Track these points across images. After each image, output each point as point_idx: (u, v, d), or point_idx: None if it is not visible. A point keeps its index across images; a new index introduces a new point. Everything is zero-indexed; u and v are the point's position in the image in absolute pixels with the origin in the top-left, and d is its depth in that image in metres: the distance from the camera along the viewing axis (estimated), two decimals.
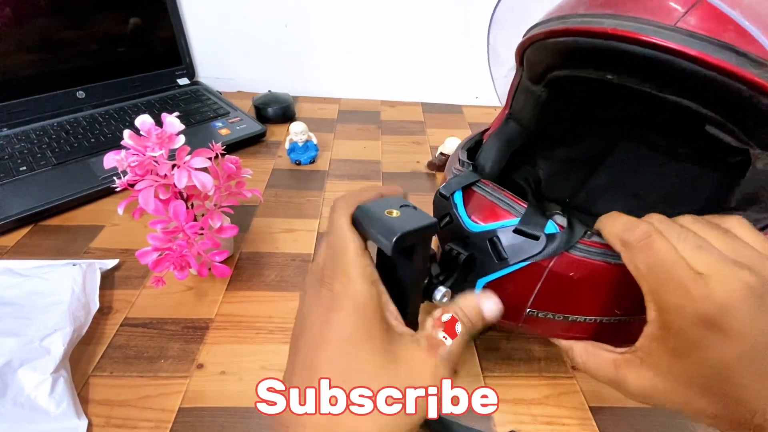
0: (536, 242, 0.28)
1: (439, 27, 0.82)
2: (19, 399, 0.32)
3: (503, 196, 0.31)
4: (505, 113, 0.42)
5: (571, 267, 0.28)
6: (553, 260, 0.28)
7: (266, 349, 0.39)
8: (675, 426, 0.36)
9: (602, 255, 0.27)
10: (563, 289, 0.29)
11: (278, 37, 0.83)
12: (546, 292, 0.29)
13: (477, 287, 0.31)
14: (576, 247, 0.28)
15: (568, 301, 0.29)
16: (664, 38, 0.25)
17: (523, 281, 0.29)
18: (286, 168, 0.65)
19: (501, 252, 0.29)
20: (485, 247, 0.30)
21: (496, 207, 0.31)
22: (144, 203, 0.36)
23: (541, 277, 0.29)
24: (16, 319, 0.36)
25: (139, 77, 0.75)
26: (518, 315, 0.31)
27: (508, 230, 0.29)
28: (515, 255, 0.29)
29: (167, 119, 0.38)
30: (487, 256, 0.30)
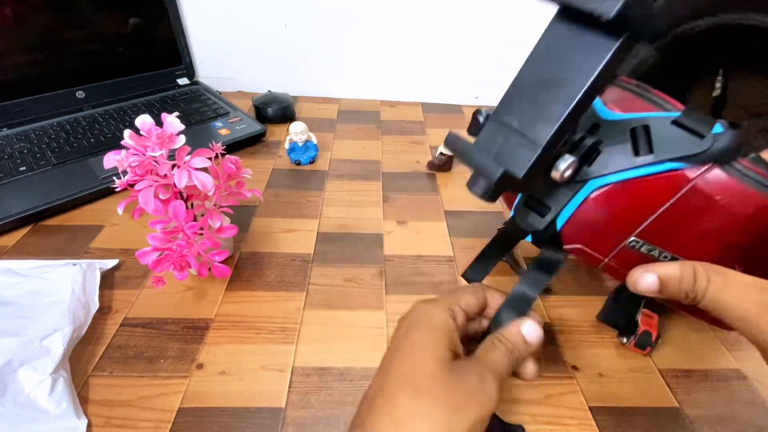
0: (697, 141, 0.22)
1: (439, 27, 0.82)
2: (19, 399, 0.32)
3: (652, 94, 0.25)
4: None
5: (721, 188, 0.22)
6: (701, 173, 0.22)
7: (266, 349, 0.39)
8: (675, 426, 0.36)
9: (762, 185, 0.22)
10: (696, 217, 0.23)
11: (278, 37, 0.83)
12: (671, 217, 0.23)
13: (586, 189, 0.25)
14: (733, 166, 0.22)
15: (692, 235, 0.23)
16: None
17: (650, 194, 0.23)
18: (286, 168, 0.65)
19: (645, 144, 0.23)
20: (621, 139, 0.24)
21: (640, 101, 0.25)
22: (144, 203, 0.36)
23: (678, 191, 0.23)
24: (16, 319, 0.36)
25: (139, 77, 0.75)
26: (613, 245, 0.25)
27: (663, 121, 0.23)
28: (664, 151, 0.23)
29: (167, 119, 0.38)
30: (620, 150, 0.24)
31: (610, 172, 0.24)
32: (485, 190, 0.21)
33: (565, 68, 0.20)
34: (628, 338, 0.41)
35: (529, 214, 0.27)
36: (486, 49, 0.84)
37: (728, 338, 0.43)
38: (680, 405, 0.37)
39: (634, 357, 0.41)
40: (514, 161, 0.20)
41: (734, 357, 0.42)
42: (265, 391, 0.36)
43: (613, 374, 0.39)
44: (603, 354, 0.41)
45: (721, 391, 0.39)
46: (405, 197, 0.60)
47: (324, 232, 0.53)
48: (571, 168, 0.22)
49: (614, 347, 0.42)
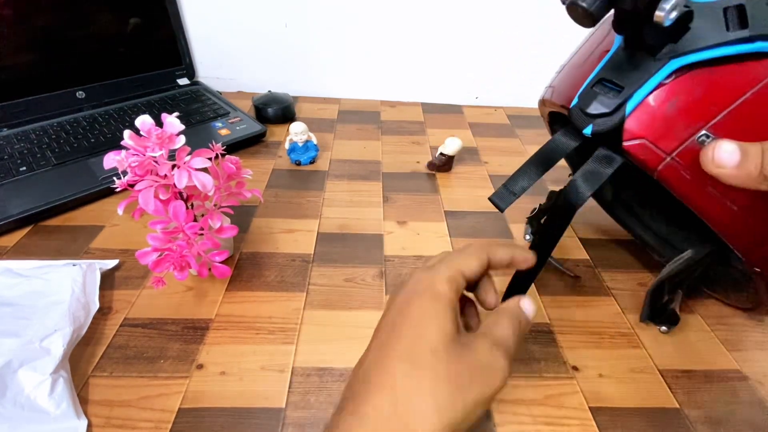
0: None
1: (439, 27, 0.82)
2: (19, 399, 0.32)
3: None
4: None
5: None
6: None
7: (266, 350, 0.39)
8: (675, 426, 0.36)
9: None
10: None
11: (278, 37, 0.83)
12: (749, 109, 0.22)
13: (668, 68, 0.23)
14: None
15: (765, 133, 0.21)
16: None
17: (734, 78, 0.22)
18: (286, 168, 0.65)
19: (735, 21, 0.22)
20: (713, 17, 0.22)
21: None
22: (144, 203, 0.36)
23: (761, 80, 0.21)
24: (16, 320, 0.36)
25: (139, 77, 0.75)
26: (682, 138, 0.23)
27: (757, 1, 0.22)
28: (761, 26, 0.21)
29: (167, 119, 0.38)
30: (710, 27, 0.22)
31: (696, 48, 0.22)
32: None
33: None
34: (669, 328, 0.42)
35: (596, 96, 0.26)
36: (486, 49, 0.84)
37: (728, 338, 0.43)
38: (680, 405, 0.37)
39: (634, 357, 0.41)
40: None
41: (734, 357, 0.42)
42: (265, 391, 0.36)
43: (613, 374, 0.39)
44: (603, 354, 0.41)
45: (721, 391, 0.39)
46: (405, 197, 0.60)
47: (324, 232, 0.53)
48: (677, 8, 0.21)
49: (614, 347, 0.42)
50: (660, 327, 0.43)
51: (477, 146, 0.74)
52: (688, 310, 0.46)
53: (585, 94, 0.27)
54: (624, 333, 0.43)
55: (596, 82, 0.26)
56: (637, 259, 0.52)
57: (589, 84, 0.27)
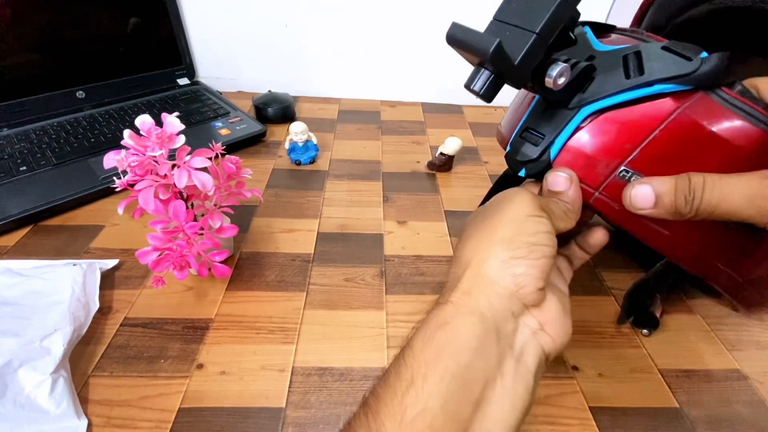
0: (687, 62, 0.23)
1: (439, 27, 0.82)
2: (19, 399, 0.32)
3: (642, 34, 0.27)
4: None
5: (708, 114, 0.23)
6: (688, 100, 0.23)
7: (266, 349, 0.39)
8: (675, 426, 0.36)
9: (748, 114, 0.23)
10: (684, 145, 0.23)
11: (278, 37, 0.83)
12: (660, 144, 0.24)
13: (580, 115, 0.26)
14: (720, 95, 0.23)
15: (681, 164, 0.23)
16: None
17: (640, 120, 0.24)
18: (286, 168, 0.65)
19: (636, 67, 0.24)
20: (613, 65, 0.25)
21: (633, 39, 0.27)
22: (144, 203, 0.36)
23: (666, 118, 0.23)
24: (16, 319, 0.36)
25: (139, 77, 0.75)
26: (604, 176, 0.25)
27: (654, 47, 0.24)
28: (654, 72, 0.23)
29: (167, 119, 0.38)
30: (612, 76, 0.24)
31: (602, 96, 0.24)
32: (484, 82, 0.23)
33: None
34: (650, 331, 0.42)
35: (523, 144, 0.29)
36: None
37: (728, 338, 0.43)
38: (680, 405, 0.37)
39: (634, 357, 0.41)
40: (512, 49, 0.22)
41: (734, 357, 0.42)
42: (265, 391, 0.36)
43: (613, 374, 0.39)
44: (603, 354, 0.41)
45: (721, 391, 0.39)
46: (405, 197, 0.60)
47: (324, 232, 0.53)
48: (564, 74, 0.23)
49: (614, 347, 0.42)
50: (642, 330, 0.43)
51: (477, 146, 0.74)
52: (688, 310, 0.46)
53: (515, 142, 0.29)
54: (624, 333, 0.43)
55: (524, 131, 0.29)
56: (637, 259, 0.52)
57: (517, 133, 0.29)
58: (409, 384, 0.22)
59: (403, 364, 0.23)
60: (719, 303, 0.47)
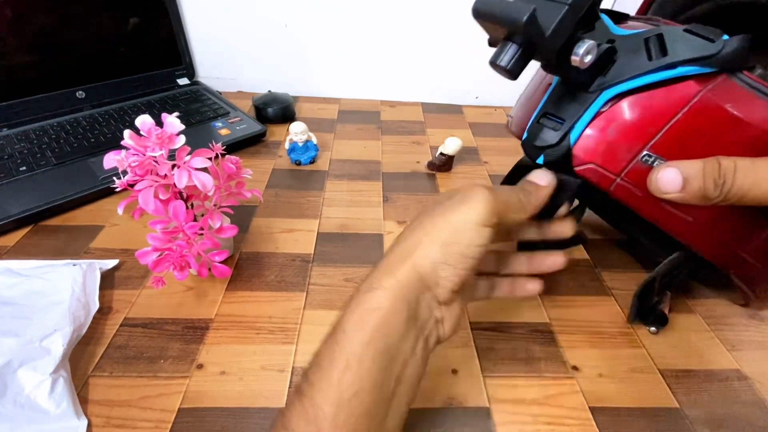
0: (710, 44, 0.23)
1: (439, 27, 0.82)
2: (19, 399, 0.32)
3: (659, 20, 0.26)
4: None
5: (731, 97, 0.23)
6: (711, 83, 0.23)
7: (266, 349, 0.39)
8: (675, 426, 0.36)
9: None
10: (707, 128, 0.23)
11: (278, 37, 0.83)
12: (684, 128, 0.23)
13: (601, 99, 0.25)
14: (741, 79, 0.23)
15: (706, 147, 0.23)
16: None
17: (662, 104, 0.24)
18: (286, 168, 0.65)
19: (657, 50, 0.24)
20: (635, 49, 0.24)
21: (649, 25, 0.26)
22: (144, 203, 0.36)
23: (689, 101, 0.23)
24: (16, 319, 0.36)
25: (139, 77, 0.75)
26: (626, 161, 0.25)
27: (675, 30, 0.24)
28: (678, 53, 0.23)
29: (167, 119, 0.38)
30: (634, 58, 0.24)
31: (624, 78, 0.24)
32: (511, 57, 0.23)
33: None
34: (658, 328, 0.43)
35: (542, 129, 0.28)
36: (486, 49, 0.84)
37: (728, 338, 0.43)
38: (680, 405, 0.37)
39: (634, 357, 0.41)
40: (544, 20, 0.21)
41: (734, 357, 0.42)
42: (265, 391, 0.36)
43: (613, 374, 0.39)
44: (603, 354, 0.41)
45: (721, 391, 0.39)
46: (405, 197, 0.60)
47: (324, 232, 0.53)
48: (592, 52, 0.23)
49: (614, 347, 0.42)
50: (649, 328, 0.43)
51: (477, 146, 0.74)
52: (688, 310, 0.46)
53: (532, 128, 0.29)
54: (624, 333, 0.43)
55: (542, 116, 0.28)
56: (637, 260, 0.52)
57: (535, 119, 0.29)
58: (345, 368, 0.24)
59: (338, 348, 0.25)
60: (720, 303, 0.47)
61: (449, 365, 0.39)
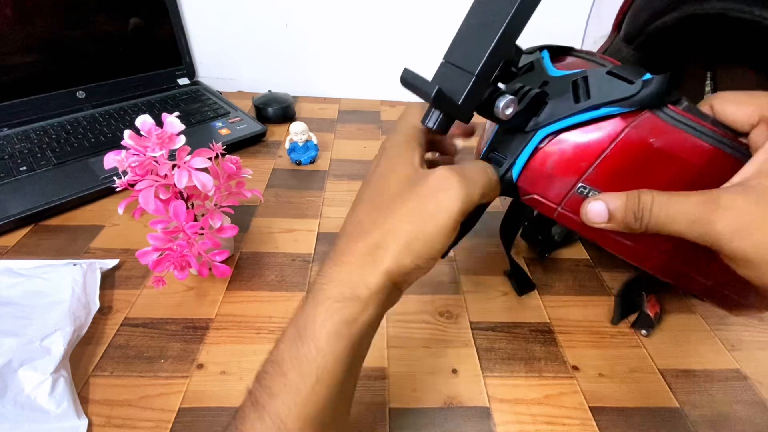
0: (629, 87, 0.24)
1: (439, 27, 0.82)
2: (20, 399, 0.32)
3: (597, 57, 0.28)
4: None
5: (654, 131, 0.24)
6: (635, 119, 0.24)
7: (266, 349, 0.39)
8: (675, 426, 0.36)
9: (693, 129, 0.24)
10: (634, 161, 0.25)
11: (278, 37, 0.83)
12: (612, 162, 0.25)
13: (536, 138, 0.27)
14: (665, 112, 0.24)
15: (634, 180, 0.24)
16: None
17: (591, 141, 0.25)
18: (286, 168, 0.65)
19: (582, 94, 0.25)
20: (564, 90, 0.26)
21: (586, 62, 0.28)
22: (144, 203, 0.36)
23: (616, 138, 0.25)
24: (16, 319, 0.37)
25: (139, 77, 0.75)
26: (563, 192, 0.27)
27: (599, 72, 0.26)
28: (600, 96, 0.25)
29: (167, 119, 0.38)
30: (563, 100, 0.26)
31: (555, 119, 0.26)
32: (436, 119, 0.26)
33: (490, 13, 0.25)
34: (648, 331, 0.43)
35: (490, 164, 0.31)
36: None
37: (728, 338, 0.43)
38: (680, 405, 0.37)
39: (634, 357, 0.41)
40: (455, 90, 0.24)
41: (734, 357, 0.42)
42: None
43: (613, 374, 0.39)
44: (603, 354, 0.41)
45: (721, 391, 0.39)
46: None
47: (324, 232, 0.53)
48: (511, 105, 0.25)
49: (614, 347, 0.42)
50: (640, 331, 0.43)
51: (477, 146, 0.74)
52: (688, 309, 0.46)
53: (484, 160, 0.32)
54: (624, 333, 0.43)
55: (489, 152, 0.31)
56: None
57: (484, 154, 0.31)
58: (316, 382, 0.23)
59: (307, 360, 0.23)
60: None
61: (449, 365, 0.39)
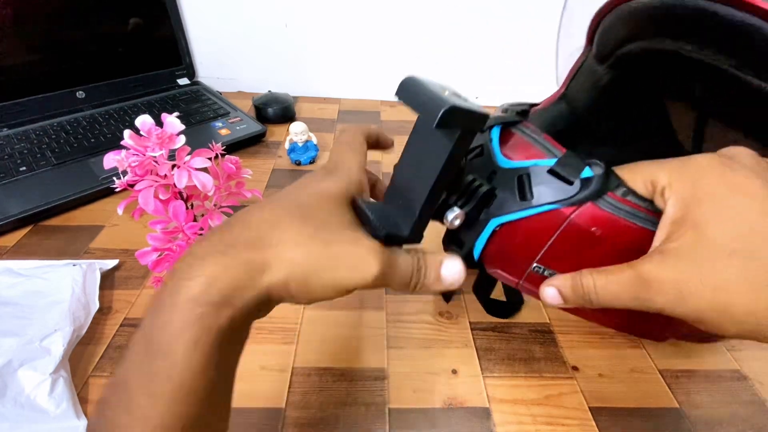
0: (568, 186, 0.26)
1: (439, 27, 0.82)
2: (19, 399, 0.32)
3: (543, 139, 0.29)
4: (559, 93, 0.40)
5: (594, 221, 0.26)
6: (577, 210, 0.26)
7: (266, 349, 0.39)
8: (675, 426, 0.36)
9: (631, 215, 0.25)
10: (580, 246, 0.27)
11: (278, 37, 0.83)
12: (559, 247, 0.27)
13: (489, 227, 0.29)
14: (605, 201, 0.26)
15: (581, 261, 0.26)
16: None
17: (539, 229, 0.27)
18: (286, 168, 0.65)
19: (527, 191, 0.27)
20: (511, 185, 0.28)
21: (532, 147, 0.29)
22: (144, 203, 0.36)
23: (560, 227, 0.26)
24: (16, 319, 0.37)
25: (139, 77, 0.75)
26: (522, 270, 0.29)
27: (541, 170, 0.27)
28: (541, 197, 0.27)
29: (167, 119, 0.38)
30: (510, 195, 0.28)
31: (504, 213, 0.28)
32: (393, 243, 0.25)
33: (424, 160, 0.25)
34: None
35: (450, 246, 0.32)
36: (486, 49, 0.84)
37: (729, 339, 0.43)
38: (680, 405, 0.37)
39: (634, 357, 0.41)
40: (402, 222, 0.25)
41: (734, 357, 0.42)
42: (265, 391, 0.36)
43: (613, 374, 0.39)
44: (603, 354, 0.41)
45: (721, 391, 0.39)
46: None
47: None
48: (458, 218, 0.27)
49: (614, 347, 0.42)
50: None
51: None
52: None
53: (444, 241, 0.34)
54: (624, 333, 0.43)
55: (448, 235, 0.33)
56: None
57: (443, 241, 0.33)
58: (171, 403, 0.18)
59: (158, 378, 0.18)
60: None
61: (449, 365, 0.39)
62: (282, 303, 0.23)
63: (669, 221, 0.23)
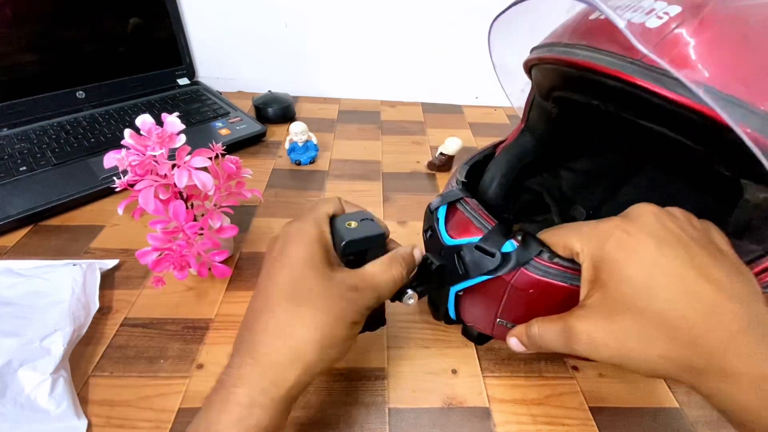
0: (492, 259, 0.30)
1: (439, 27, 0.82)
2: (19, 399, 0.32)
3: (479, 215, 0.34)
4: (522, 126, 0.43)
5: (528, 284, 0.30)
6: (514, 276, 0.30)
7: None
8: (675, 426, 0.36)
9: (560, 276, 0.29)
10: (525, 303, 0.31)
11: (278, 37, 0.83)
12: (510, 306, 0.32)
13: (451, 294, 0.34)
14: (533, 266, 0.29)
15: (532, 314, 0.30)
16: (628, 72, 0.26)
17: (490, 293, 0.32)
18: (286, 168, 0.65)
19: (464, 265, 0.32)
20: (453, 260, 0.32)
21: (470, 224, 0.34)
22: (144, 203, 0.36)
23: (505, 291, 0.31)
24: (16, 319, 0.37)
25: (139, 77, 0.75)
26: (490, 324, 0.34)
27: (470, 247, 0.32)
28: (475, 269, 0.31)
29: (168, 119, 0.38)
30: (455, 268, 0.32)
31: (455, 283, 0.33)
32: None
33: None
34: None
35: (431, 307, 0.40)
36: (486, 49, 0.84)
37: None
38: (680, 405, 0.37)
39: None
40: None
41: None
42: None
43: (613, 374, 0.39)
44: None
45: None
46: (405, 197, 0.60)
47: None
48: (413, 299, 0.32)
49: None
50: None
51: (477, 146, 0.74)
52: None
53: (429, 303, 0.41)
54: None
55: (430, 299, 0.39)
56: None
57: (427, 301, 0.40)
58: None
59: None
60: None
61: (449, 365, 0.39)
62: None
63: (585, 281, 0.27)
